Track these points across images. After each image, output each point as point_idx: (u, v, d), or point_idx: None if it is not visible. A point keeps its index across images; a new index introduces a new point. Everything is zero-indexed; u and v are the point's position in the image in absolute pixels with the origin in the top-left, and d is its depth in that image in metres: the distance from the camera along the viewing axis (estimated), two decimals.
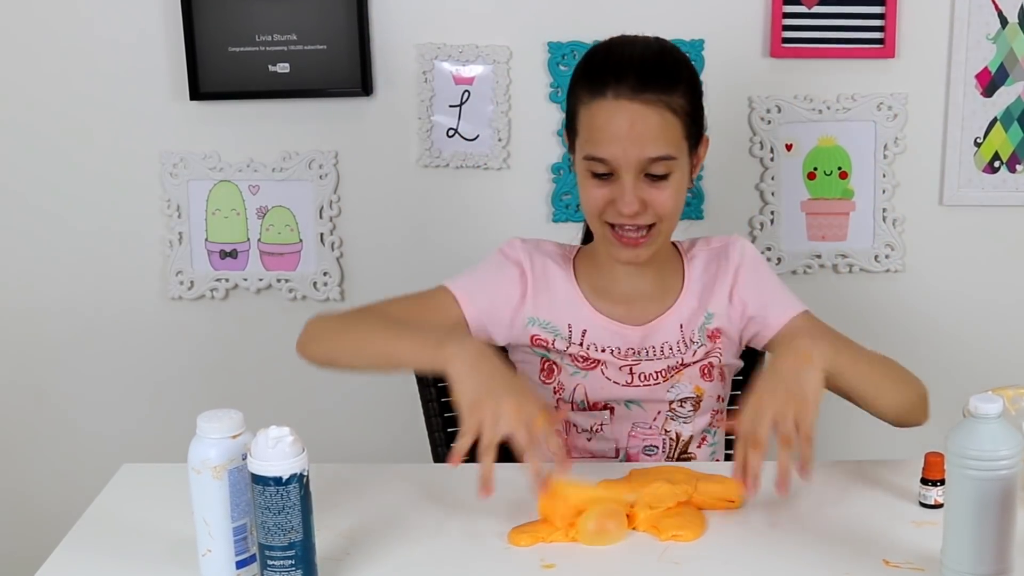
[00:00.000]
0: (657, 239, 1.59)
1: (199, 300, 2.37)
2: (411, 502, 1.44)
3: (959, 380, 2.29)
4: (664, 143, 1.53)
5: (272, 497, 1.18)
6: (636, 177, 1.54)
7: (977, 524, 1.15)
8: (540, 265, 1.67)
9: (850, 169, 2.26)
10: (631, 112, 1.52)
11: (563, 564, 1.27)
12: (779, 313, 1.66)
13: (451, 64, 2.24)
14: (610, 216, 1.57)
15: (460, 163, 2.27)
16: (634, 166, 1.53)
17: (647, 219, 1.56)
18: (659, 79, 1.53)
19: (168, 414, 2.39)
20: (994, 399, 1.16)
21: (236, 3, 2.22)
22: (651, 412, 1.65)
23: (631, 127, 1.52)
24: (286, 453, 1.18)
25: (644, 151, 1.52)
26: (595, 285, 1.67)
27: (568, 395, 1.65)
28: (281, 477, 1.18)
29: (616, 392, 1.64)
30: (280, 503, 1.18)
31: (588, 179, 1.58)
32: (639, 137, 1.52)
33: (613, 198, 1.55)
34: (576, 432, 1.66)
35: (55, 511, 1.98)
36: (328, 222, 2.32)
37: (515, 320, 1.66)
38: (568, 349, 1.64)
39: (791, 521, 1.37)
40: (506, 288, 1.66)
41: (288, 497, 1.18)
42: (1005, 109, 2.22)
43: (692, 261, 1.69)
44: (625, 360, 1.64)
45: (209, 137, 2.30)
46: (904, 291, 2.32)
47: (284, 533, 1.19)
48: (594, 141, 1.55)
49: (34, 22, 2.27)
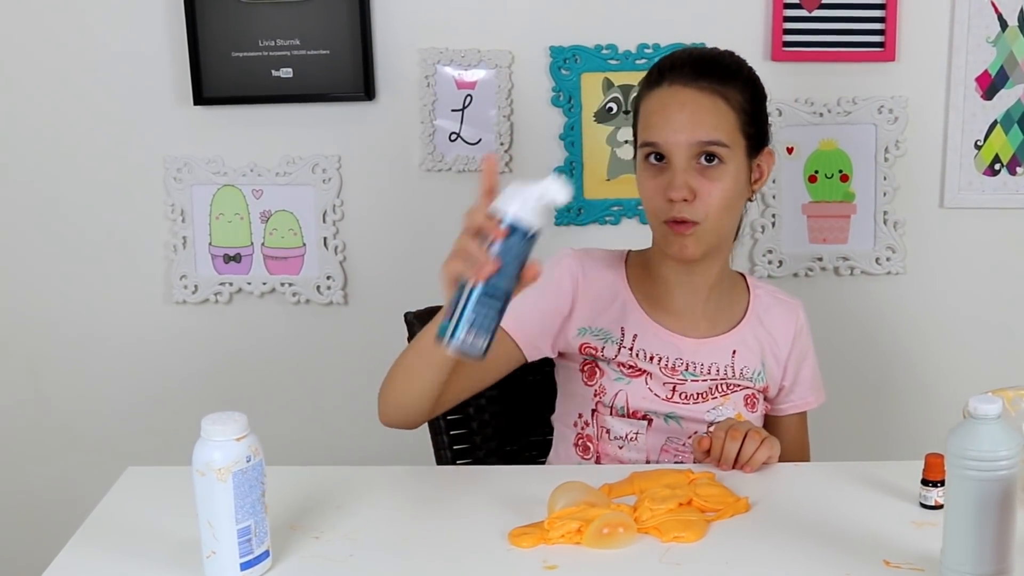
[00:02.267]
0: (703, 238, 1.57)
1: (203, 304, 2.38)
2: (414, 504, 1.44)
3: (959, 381, 2.31)
4: (716, 129, 1.54)
5: (520, 247, 1.25)
6: (687, 162, 1.54)
7: (977, 525, 1.16)
8: (592, 272, 1.66)
9: (851, 172, 2.27)
10: (684, 96, 1.55)
11: (565, 565, 1.27)
12: (795, 400, 1.75)
13: (453, 68, 2.25)
14: (663, 209, 1.56)
15: (463, 167, 2.28)
16: (684, 149, 1.53)
17: (695, 213, 1.54)
18: (715, 70, 1.57)
19: (172, 417, 2.39)
20: (994, 400, 1.16)
21: (239, 8, 2.23)
22: (688, 430, 1.64)
23: (683, 110, 1.54)
24: (542, 208, 1.24)
25: (695, 134, 1.54)
26: (648, 293, 1.67)
27: (609, 400, 1.64)
28: (531, 229, 1.25)
29: (657, 405, 1.63)
30: (524, 253, 1.25)
31: (644, 169, 1.58)
32: (691, 120, 1.54)
33: (665, 186, 1.55)
34: (608, 439, 1.65)
35: (60, 514, 1.99)
36: (331, 226, 2.32)
37: (565, 331, 1.65)
38: (617, 356, 1.63)
39: (792, 522, 1.37)
40: (555, 302, 1.64)
41: (527, 251, 1.26)
42: (1005, 112, 2.23)
43: (759, 297, 1.71)
44: (671, 378, 1.63)
45: (213, 142, 2.31)
46: (905, 293, 2.32)
47: (509, 282, 1.26)
48: (648, 127, 1.57)
49: (38, 29, 2.28)
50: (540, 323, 1.64)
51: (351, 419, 2.38)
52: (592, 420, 1.66)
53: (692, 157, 1.54)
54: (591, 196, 2.29)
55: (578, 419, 1.68)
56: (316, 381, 2.41)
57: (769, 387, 1.71)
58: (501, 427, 1.83)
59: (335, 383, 2.40)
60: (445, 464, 1.78)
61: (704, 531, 1.34)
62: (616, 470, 1.52)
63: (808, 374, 1.75)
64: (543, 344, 1.65)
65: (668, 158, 1.55)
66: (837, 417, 2.38)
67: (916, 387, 2.36)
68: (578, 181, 2.28)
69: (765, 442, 1.51)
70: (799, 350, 1.73)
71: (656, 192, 1.56)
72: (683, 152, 1.54)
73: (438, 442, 1.80)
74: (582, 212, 2.29)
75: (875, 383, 2.37)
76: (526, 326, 1.62)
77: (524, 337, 1.62)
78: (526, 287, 1.30)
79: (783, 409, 1.75)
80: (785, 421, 1.76)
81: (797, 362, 1.73)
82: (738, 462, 1.51)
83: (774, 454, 1.52)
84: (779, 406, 1.75)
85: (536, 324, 1.64)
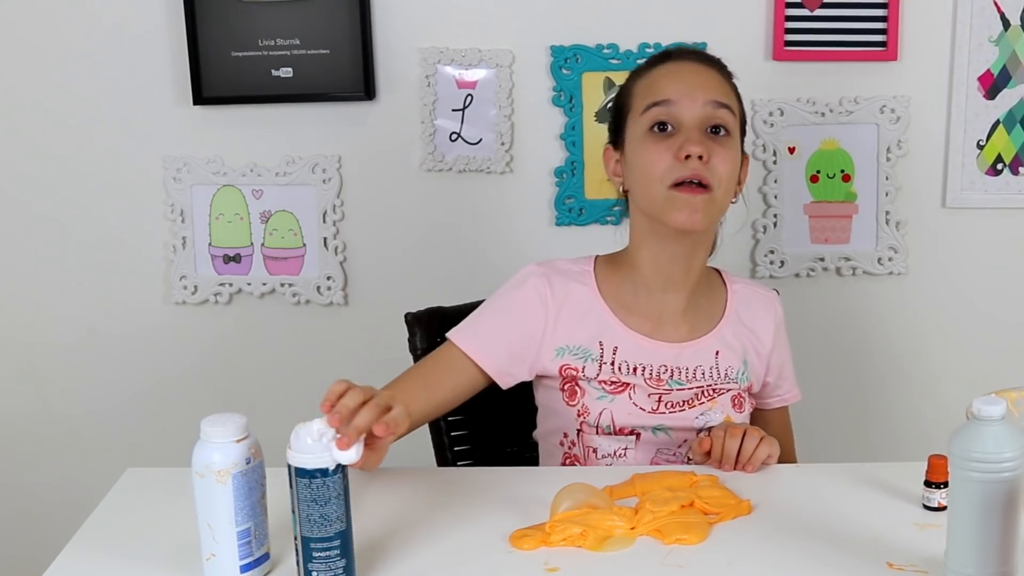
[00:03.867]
0: (711, 209, 1.53)
1: (203, 305, 2.37)
2: (414, 506, 1.44)
3: (962, 382, 2.30)
4: (725, 93, 1.56)
5: (319, 489, 1.18)
6: (699, 128, 1.53)
7: (980, 526, 1.15)
8: (561, 289, 1.60)
9: (853, 172, 2.26)
10: (694, 67, 1.57)
11: (567, 568, 1.27)
12: (783, 394, 1.74)
13: (454, 68, 2.24)
14: (675, 171, 1.51)
15: (463, 167, 2.28)
16: (699, 109, 1.53)
17: (710, 172, 1.51)
18: (717, 63, 1.60)
19: (172, 418, 2.39)
20: (997, 401, 1.15)
21: (239, 8, 2.22)
22: (677, 440, 1.61)
23: (695, 75, 1.56)
24: (329, 445, 1.19)
25: (709, 93, 1.54)
26: (622, 302, 1.61)
27: (593, 419, 1.59)
28: (327, 469, 1.19)
29: (643, 419, 1.59)
30: (326, 494, 1.19)
31: (647, 139, 1.54)
32: (703, 83, 1.55)
33: (677, 148, 1.51)
34: (596, 457, 1.60)
35: (59, 515, 1.99)
36: (331, 226, 2.32)
37: (540, 355, 1.60)
38: (599, 375, 1.58)
39: (795, 524, 1.36)
40: (525, 327, 1.59)
41: (334, 487, 1.19)
42: (1008, 111, 2.22)
43: (736, 292, 1.68)
44: (656, 388, 1.59)
45: (212, 142, 2.31)
46: (907, 294, 2.32)
47: (330, 524, 1.19)
48: (656, 88, 1.56)
49: (38, 27, 2.27)
50: (508, 350, 1.59)
51: None
52: (578, 440, 1.61)
53: (702, 123, 1.53)
54: (592, 196, 2.28)
55: (563, 439, 1.64)
56: (316, 382, 2.37)
57: (753, 384, 1.68)
58: (502, 428, 1.82)
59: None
60: (446, 465, 1.78)
61: (706, 533, 1.33)
62: (619, 471, 1.52)
63: (789, 361, 1.74)
64: (517, 370, 1.60)
65: (678, 121, 1.53)
66: (839, 418, 2.38)
67: (919, 388, 2.35)
68: (579, 181, 2.28)
69: (764, 440, 1.50)
70: (780, 343, 1.71)
71: (664, 153, 1.52)
72: (697, 113, 1.53)
73: (439, 443, 1.79)
74: (583, 212, 2.29)
75: (877, 384, 2.37)
76: (492, 353, 1.58)
77: (492, 365, 1.58)
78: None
79: (770, 403, 1.73)
80: (771, 416, 1.74)
81: (780, 355, 1.71)
82: (739, 461, 1.50)
83: (774, 452, 1.51)
84: (766, 400, 1.73)
85: (503, 351, 1.59)
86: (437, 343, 1.78)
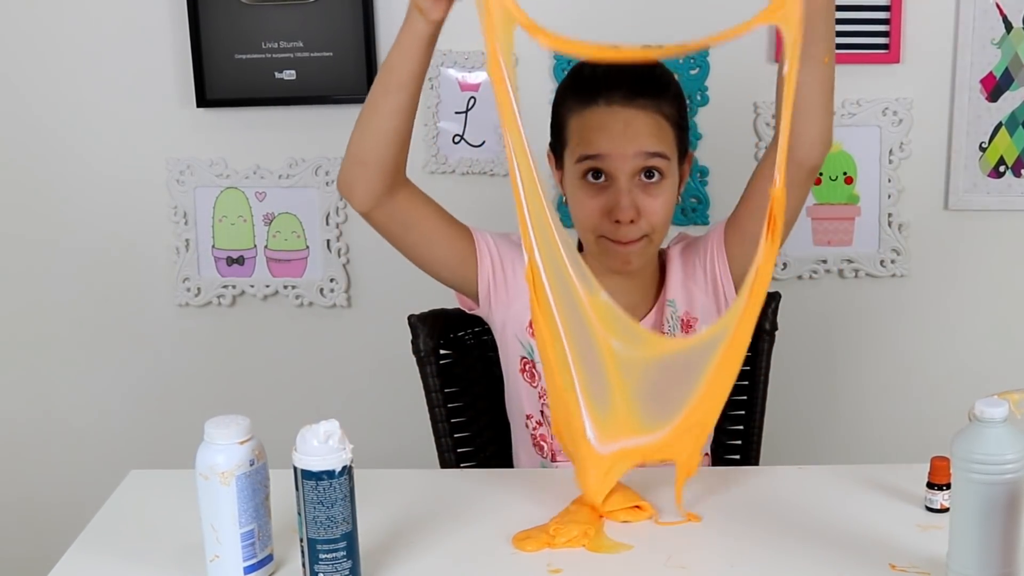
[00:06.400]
0: (647, 250, 1.58)
1: (206, 307, 2.38)
2: (417, 508, 1.44)
3: (965, 384, 2.30)
4: (658, 141, 1.54)
5: (325, 491, 1.20)
6: (631, 179, 1.53)
7: (983, 528, 1.15)
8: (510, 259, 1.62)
9: (855, 174, 2.26)
10: (625, 115, 1.53)
11: (570, 569, 1.27)
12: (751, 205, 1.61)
13: (457, 71, 2.24)
14: (605, 228, 1.55)
15: (466, 169, 2.28)
16: (630, 163, 1.52)
17: (640, 230, 1.54)
18: (650, 87, 1.55)
19: (175, 420, 2.39)
20: (999, 403, 1.16)
21: (242, 10, 2.23)
22: None
23: (626, 126, 1.53)
24: (336, 447, 1.20)
25: (640, 145, 1.53)
26: None
27: None
28: (334, 471, 1.20)
29: None
30: (332, 496, 1.20)
31: (581, 188, 1.56)
32: (635, 134, 1.53)
33: (608, 207, 1.54)
34: None
35: (63, 517, 1.99)
36: (335, 228, 2.32)
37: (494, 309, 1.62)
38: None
39: (797, 525, 1.37)
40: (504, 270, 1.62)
41: (340, 489, 1.20)
42: (1010, 114, 2.22)
43: (672, 262, 1.68)
44: None
45: (216, 144, 2.31)
46: (909, 296, 2.32)
47: (336, 526, 1.21)
48: (588, 141, 1.55)
49: (41, 29, 2.28)
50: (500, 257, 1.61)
51: (354, 422, 2.37)
52: (544, 420, 1.65)
53: (635, 173, 1.53)
54: None
55: (528, 420, 1.67)
56: (319, 384, 2.41)
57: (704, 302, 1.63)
58: (504, 430, 1.82)
59: (338, 386, 2.40)
60: (449, 467, 1.78)
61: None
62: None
63: (722, 223, 1.65)
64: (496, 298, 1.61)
65: (611, 175, 1.54)
66: (842, 420, 2.38)
67: (921, 390, 2.35)
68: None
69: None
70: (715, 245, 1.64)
71: (596, 211, 1.55)
72: (628, 167, 1.53)
73: (441, 444, 1.79)
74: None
75: (879, 386, 2.37)
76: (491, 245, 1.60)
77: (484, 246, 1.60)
78: None
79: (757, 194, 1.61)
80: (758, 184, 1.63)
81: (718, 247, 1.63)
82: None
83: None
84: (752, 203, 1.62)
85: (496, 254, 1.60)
86: (440, 345, 1.79)
